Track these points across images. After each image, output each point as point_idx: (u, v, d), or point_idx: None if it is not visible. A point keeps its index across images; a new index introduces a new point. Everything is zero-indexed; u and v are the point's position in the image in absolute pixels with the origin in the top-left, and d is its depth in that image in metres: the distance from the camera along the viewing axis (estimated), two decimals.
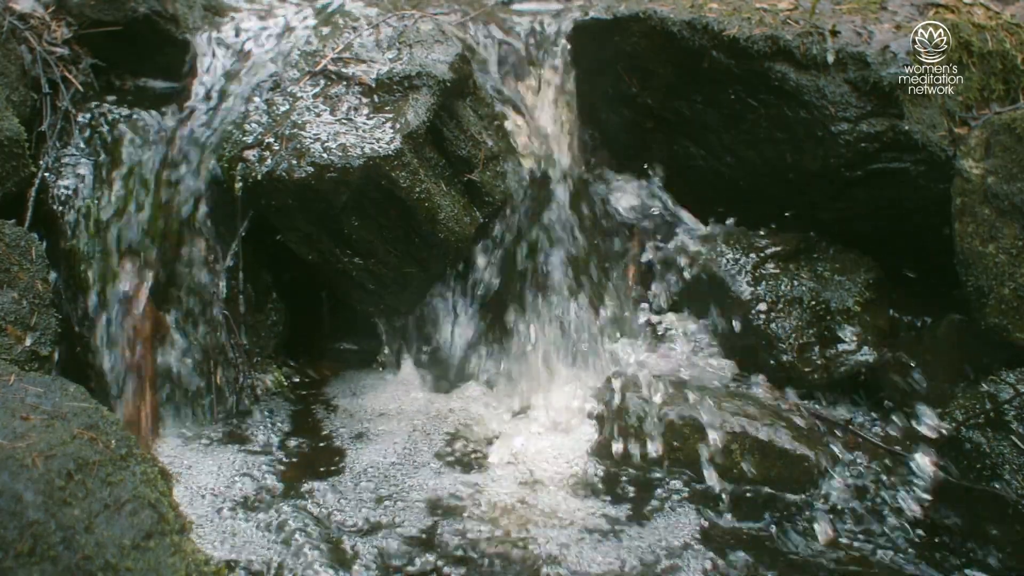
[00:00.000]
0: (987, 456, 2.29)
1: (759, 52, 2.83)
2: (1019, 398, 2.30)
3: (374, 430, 2.74)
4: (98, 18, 2.97)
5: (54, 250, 2.66)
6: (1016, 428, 2.28)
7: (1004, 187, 2.53)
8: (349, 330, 3.14)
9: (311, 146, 2.56)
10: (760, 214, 3.03)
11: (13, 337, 2.31)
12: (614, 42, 3.04)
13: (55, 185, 2.71)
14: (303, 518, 2.31)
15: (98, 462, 1.73)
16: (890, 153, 2.78)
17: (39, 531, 1.56)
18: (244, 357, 2.79)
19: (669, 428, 2.51)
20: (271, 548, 2.20)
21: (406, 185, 2.59)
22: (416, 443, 2.68)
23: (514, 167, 2.88)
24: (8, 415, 1.77)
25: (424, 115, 2.65)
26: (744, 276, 2.89)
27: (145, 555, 1.69)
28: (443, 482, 2.51)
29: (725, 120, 2.98)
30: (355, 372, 3.05)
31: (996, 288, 2.51)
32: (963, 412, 2.37)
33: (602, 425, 2.63)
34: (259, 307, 2.90)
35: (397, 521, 2.34)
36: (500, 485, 2.50)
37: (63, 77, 2.87)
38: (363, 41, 2.83)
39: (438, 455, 2.63)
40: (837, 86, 2.78)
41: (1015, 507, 2.22)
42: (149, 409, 2.65)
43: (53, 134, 2.78)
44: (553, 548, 2.26)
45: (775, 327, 2.80)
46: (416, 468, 2.57)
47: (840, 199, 2.90)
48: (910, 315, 2.91)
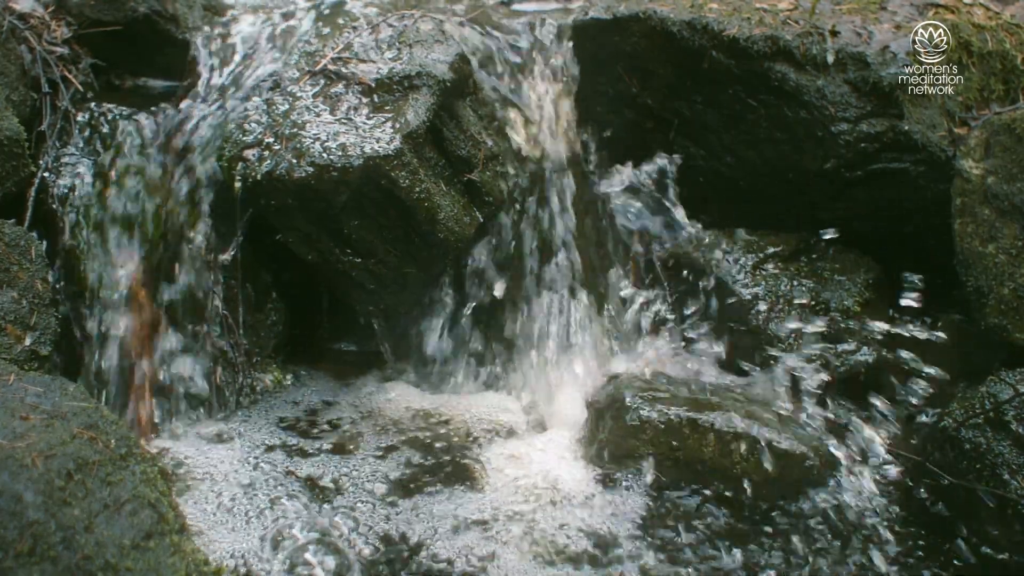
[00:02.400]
0: (987, 456, 2.29)
1: (759, 52, 2.83)
2: (1019, 398, 2.30)
3: (373, 430, 2.74)
4: (98, 18, 2.97)
5: (54, 249, 2.66)
6: (1016, 428, 2.28)
7: (1004, 187, 2.53)
8: (348, 330, 3.14)
9: (311, 146, 2.56)
10: (760, 214, 3.03)
11: (13, 337, 2.31)
12: (614, 42, 3.04)
13: (55, 185, 2.71)
14: (303, 517, 2.31)
15: (98, 462, 1.73)
16: (890, 153, 2.78)
17: (39, 531, 1.56)
18: (243, 357, 2.79)
19: (668, 428, 2.51)
20: (271, 548, 2.20)
21: (406, 185, 2.59)
22: (415, 443, 2.68)
23: (514, 167, 2.88)
24: (8, 415, 1.77)
25: (424, 115, 2.65)
26: (744, 276, 2.89)
27: (145, 555, 1.69)
28: (442, 482, 2.51)
29: (725, 120, 2.98)
30: (354, 372, 3.05)
31: (996, 288, 2.51)
32: (963, 412, 2.37)
33: (602, 425, 2.63)
34: (259, 307, 2.90)
35: (396, 521, 2.34)
36: (498, 485, 2.50)
37: (63, 77, 2.87)
38: (363, 41, 2.83)
39: (436, 455, 2.63)
40: (837, 86, 2.78)
41: (1015, 507, 2.22)
42: (148, 409, 2.65)
43: (53, 134, 2.78)
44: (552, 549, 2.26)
45: (775, 327, 2.80)
46: (416, 468, 2.57)
47: (840, 199, 2.90)
48: (910, 315, 2.91)
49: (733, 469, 2.46)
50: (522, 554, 2.25)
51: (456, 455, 2.63)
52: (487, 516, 2.38)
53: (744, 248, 2.95)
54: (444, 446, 2.67)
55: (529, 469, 2.56)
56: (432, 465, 2.59)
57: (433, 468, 2.57)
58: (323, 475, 2.52)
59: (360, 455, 2.62)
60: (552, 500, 2.44)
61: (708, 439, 2.47)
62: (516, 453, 2.64)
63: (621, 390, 2.62)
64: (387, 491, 2.46)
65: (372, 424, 2.77)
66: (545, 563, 2.22)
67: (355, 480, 2.50)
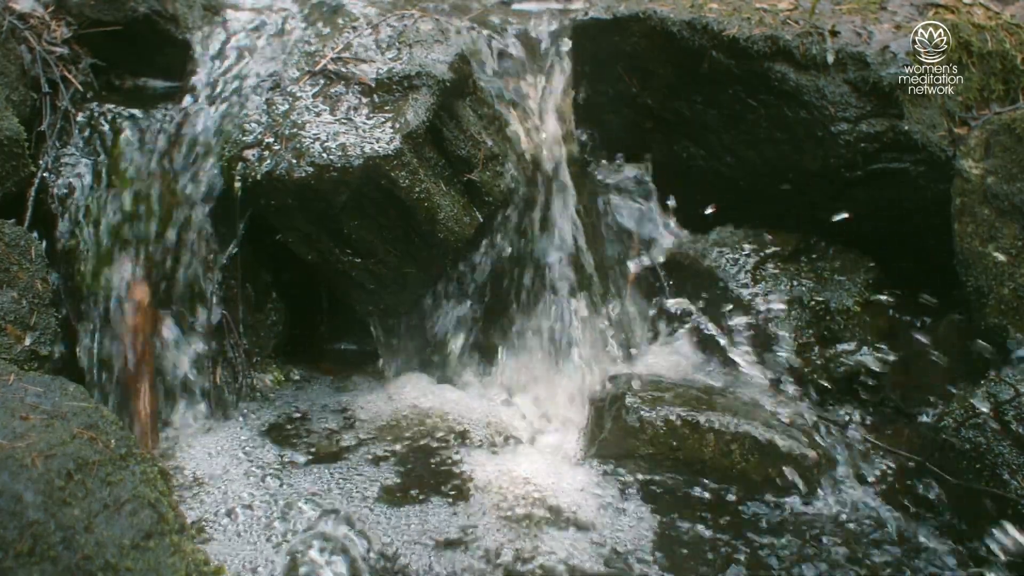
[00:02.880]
0: (987, 456, 2.29)
1: (759, 52, 2.83)
2: (1019, 398, 2.30)
3: (373, 430, 2.74)
4: (98, 18, 2.96)
5: (53, 249, 2.66)
6: (1016, 428, 2.28)
7: (1004, 187, 2.53)
8: (348, 330, 3.14)
9: (311, 146, 2.56)
10: (760, 214, 3.03)
11: (13, 337, 2.31)
12: (614, 42, 3.04)
13: (55, 185, 2.71)
14: (302, 517, 2.31)
15: (98, 462, 1.73)
16: (890, 153, 2.78)
17: (39, 531, 1.56)
18: (243, 356, 2.79)
19: (668, 428, 2.51)
20: (270, 548, 2.20)
21: (406, 185, 2.59)
22: (414, 443, 2.68)
23: (514, 167, 2.88)
24: (8, 415, 1.76)
25: (424, 115, 2.65)
26: (744, 276, 2.89)
27: (145, 555, 1.69)
28: (442, 483, 2.51)
29: (725, 120, 2.98)
30: (354, 372, 3.05)
31: (996, 288, 2.51)
32: (963, 412, 2.37)
33: (601, 426, 2.63)
34: (259, 307, 2.90)
35: (396, 521, 2.34)
36: (497, 485, 2.50)
37: (63, 77, 2.87)
38: (363, 41, 2.83)
39: (436, 455, 2.63)
40: (837, 86, 2.78)
41: (1015, 507, 2.22)
42: (148, 408, 2.65)
43: (53, 134, 2.78)
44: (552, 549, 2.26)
45: (775, 327, 2.80)
46: (416, 468, 2.57)
47: (840, 199, 2.90)
48: (910, 315, 2.91)
49: (733, 469, 2.46)
50: (523, 554, 2.25)
51: (456, 455, 2.63)
52: (487, 516, 2.38)
53: (744, 248, 2.95)
54: (444, 446, 2.67)
55: (529, 469, 2.56)
56: (432, 465, 2.59)
57: (433, 469, 2.57)
58: (322, 475, 2.51)
59: (360, 456, 2.62)
60: (552, 500, 2.44)
61: (708, 439, 2.48)
62: (516, 453, 2.64)
63: (621, 390, 2.62)
64: (387, 491, 2.46)
65: (372, 425, 2.77)
66: (545, 563, 2.22)
67: (355, 480, 2.50)
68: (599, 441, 2.61)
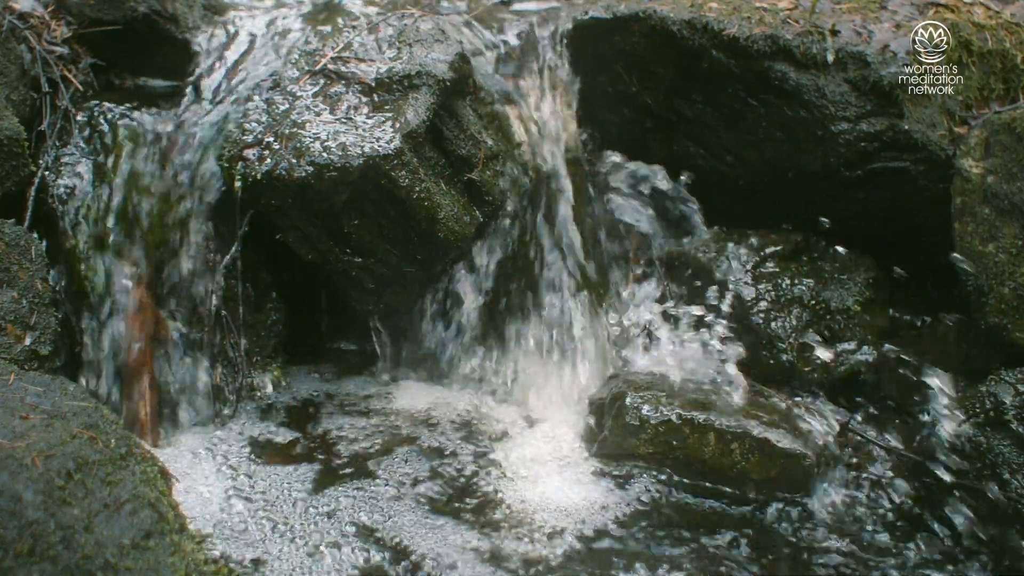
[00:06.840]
0: (987, 456, 2.29)
1: (759, 52, 2.83)
2: (1019, 398, 2.30)
3: (373, 431, 2.74)
4: (98, 17, 2.97)
5: (54, 249, 2.66)
6: (1016, 428, 2.28)
7: (1004, 187, 2.53)
8: (348, 330, 3.14)
9: (311, 145, 2.56)
10: (760, 213, 3.03)
11: (13, 336, 2.31)
12: (614, 41, 3.04)
13: (55, 184, 2.70)
14: (302, 517, 2.31)
15: (98, 462, 1.73)
16: (890, 153, 2.78)
17: (39, 531, 1.56)
18: (243, 356, 2.79)
19: (668, 428, 2.51)
20: (269, 547, 2.20)
21: (406, 184, 2.59)
22: (414, 444, 2.68)
23: (514, 166, 2.88)
24: (8, 414, 1.77)
25: (424, 114, 2.65)
26: (744, 275, 2.89)
27: (145, 555, 1.69)
28: (442, 482, 2.51)
29: (725, 120, 2.98)
30: (354, 371, 3.05)
31: (996, 288, 2.51)
32: (963, 412, 2.37)
33: (602, 425, 2.63)
34: (259, 307, 2.90)
35: (396, 521, 2.34)
36: (497, 485, 2.50)
37: (63, 76, 2.87)
38: (363, 40, 2.83)
39: (436, 455, 2.63)
40: (837, 86, 2.78)
41: (1015, 507, 2.22)
42: (148, 408, 2.65)
43: (53, 133, 2.78)
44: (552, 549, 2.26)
45: (775, 326, 2.80)
46: (415, 468, 2.57)
47: (840, 199, 2.90)
48: (910, 315, 2.91)
49: (733, 469, 2.46)
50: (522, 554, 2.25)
51: (456, 455, 2.63)
52: (487, 517, 2.38)
53: (744, 247, 2.94)
54: (444, 446, 2.67)
55: (529, 469, 2.57)
56: (432, 465, 2.59)
57: (433, 469, 2.57)
58: (322, 475, 2.52)
59: (359, 456, 2.62)
60: (552, 500, 2.44)
61: (708, 439, 2.48)
62: (516, 453, 2.64)
63: (622, 389, 2.63)
64: (387, 491, 2.46)
65: (372, 425, 2.78)
66: (545, 563, 2.23)
67: (355, 480, 2.50)
68: (599, 440, 2.62)
